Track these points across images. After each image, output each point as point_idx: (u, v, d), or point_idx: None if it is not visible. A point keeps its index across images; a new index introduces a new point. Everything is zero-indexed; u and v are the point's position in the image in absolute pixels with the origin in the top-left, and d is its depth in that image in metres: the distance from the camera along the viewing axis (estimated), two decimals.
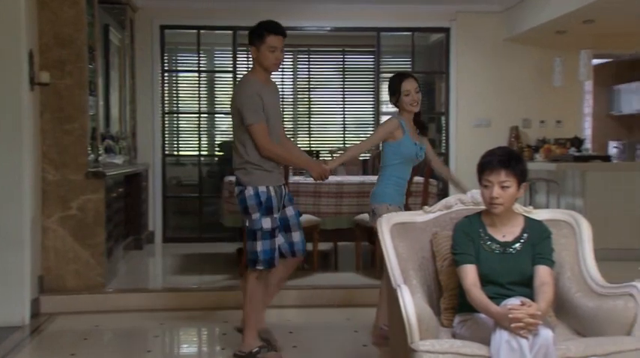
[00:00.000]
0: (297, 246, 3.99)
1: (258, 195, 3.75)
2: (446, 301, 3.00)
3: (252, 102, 3.69)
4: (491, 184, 2.74)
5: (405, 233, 3.10)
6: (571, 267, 3.03)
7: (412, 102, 4.04)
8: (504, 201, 2.75)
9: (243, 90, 3.77)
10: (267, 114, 3.76)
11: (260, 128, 3.71)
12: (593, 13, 6.43)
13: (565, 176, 6.93)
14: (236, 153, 3.85)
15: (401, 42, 8.28)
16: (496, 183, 2.73)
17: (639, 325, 2.59)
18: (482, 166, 2.79)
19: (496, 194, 2.73)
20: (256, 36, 3.81)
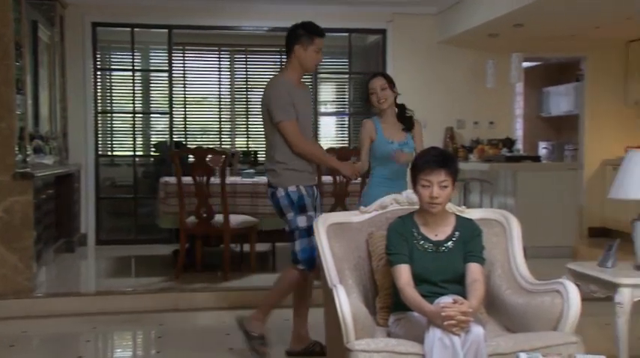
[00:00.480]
0: None
1: (289, 196, 3.73)
2: (381, 300, 3.02)
3: (282, 100, 3.68)
4: (430, 184, 2.78)
5: (341, 233, 3.11)
6: (502, 264, 3.09)
7: (378, 99, 4.04)
8: (443, 200, 2.80)
9: (273, 90, 3.76)
10: (297, 116, 3.74)
11: (291, 124, 3.69)
12: (522, 17, 6.62)
13: (498, 176, 7.10)
14: (267, 154, 3.88)
15: (338, 43, 8.32)
16: (436, 182, 2.77)
17: (565, 320, 2.67)
18: (421, 166, 2.81)
19: (436, 194, 2.77)
20: (305, 36, 3.82)
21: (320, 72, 8.33)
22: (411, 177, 2.90)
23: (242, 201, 5.96)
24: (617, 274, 3.20)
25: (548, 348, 2.50)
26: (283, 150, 3.75)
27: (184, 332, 4.55)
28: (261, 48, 8.95)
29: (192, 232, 5.67)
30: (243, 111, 8.99)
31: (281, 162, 3.75)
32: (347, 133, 8.76)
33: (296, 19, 8.20)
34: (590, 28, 7.30)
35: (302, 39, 3.81)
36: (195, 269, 5.84)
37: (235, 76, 8.97)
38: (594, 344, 3.44)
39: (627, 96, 8.39)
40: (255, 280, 5.63)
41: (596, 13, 6.52)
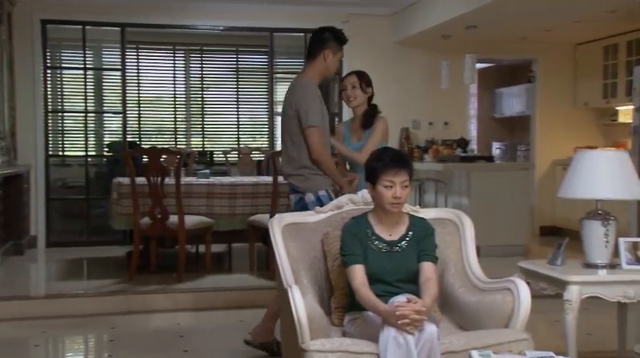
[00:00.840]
0: None
1: (320, 200, 3.63)
2: (336, 300, 3.02)
3: (316, 105, 3.63)
4: (393, 184, 2.78)
5: (296, 233, 3.10)
6: (455, 263, 3.13)
7: (347, 97, 4.06)
8: (404, 200, 2.82)
9: (307, 91, 3.67)
10: (324, 121, 3.72)
11: (318, 131, 3.64)
12: (475, 19, 6.72)
13: (452, 176, 7.18)
14: (289, 159, 3.73)
15: (294, 42, 8.31)
16: (398, 183, 2.78)
17: (516, 318, 2.71)
18: (384, 167, 2.81)
19: (399, 194, 2.78)
20: (335, 41, 3.76)
21: (276, 72, 8.30)
22: (367, 177, 2.90)
23: (198, 202, 5.90)
24: (566, 272, 3.26)
25: (499, 345, 2.54)
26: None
27: (137, 334, 4.48)
28: (216, 47, 8.89)
29: (146, 233, 5.59)
30: (198, 111, 8.92)
31: (309, 167, 3.67)
32: None
33: (252, 19, 8.25)
34: (541, 30, 7.46)
35: (331, 44, 3.75)
36: (150, 270, 5.77)
37: (191, 75, 8.89)
38: (544, 340, 3.53)
39: (576, 98, 8.60)
40: (210, 281, 5.59)
41: (546, 16, 6.66)
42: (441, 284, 3.05)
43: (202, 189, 5.93)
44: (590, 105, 8.47)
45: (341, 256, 2.89)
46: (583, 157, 3.39)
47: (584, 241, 3.36)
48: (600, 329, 4.34)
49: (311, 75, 3.79)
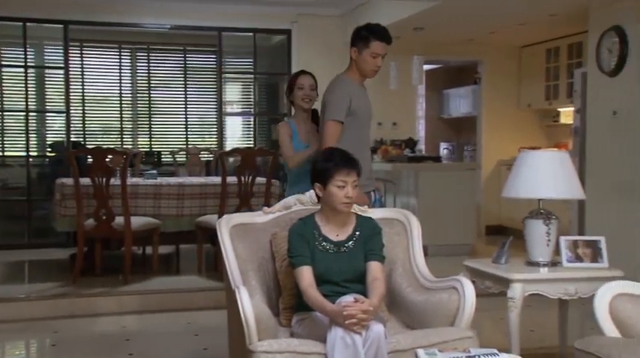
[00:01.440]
0: None
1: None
2: (285, 301, 3.01)
3: (339, 100, 3.55)
4: (345, 184, 2.79)
5: (244, 234, 3.08)
6: (403, 263, 3.15)
7: (304, 96, 3.97)
8: (355, 199, 2.84)
9: (335, 88, 3.61)
10: (358, 118, 3.61)
11: (335, 127, 3.53)
12: (422, 21, 6.80)
13: (400, 176, 7.25)
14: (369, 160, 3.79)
15: (243, 42, 8.27)
16: (350, 183, 2.80)
17: (461, 316, 2.75)
18: (336, 167, 2.81)
19: (351, 193, 2.80)
20: (361, 38, 3.64)
21: (225, 72, 8.23)
22: (317, 178, 2.89)
23: (144, 203, 5.81)
24: (510, 270, 3.33)
25: (445, 343, 2.57)
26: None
27: (81, 339, 4.38)
28: (164, 46, 8.77)
29: (90, 235, 5.47)
30: (145, 111, 8.78)
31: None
32: (252, 133, 8.72)
33: (200, 18, 8.15)
34: (486, 33, 7.61)
35: (358, 41, 3.67)
36: (95, 273, 5.65)
37: (137, 74, 8.74)
38: (489, 337, 3.59)
39: (520, 99, 8.80)
40: (157, 283, 5.51)
41: (490, 19, 6.79)
42: (389, 284, 3.07)
43: (149, 189, 5.84)
44: (533, 107, 8.67)
45: (288, 258, 2.88)
46: (525, 158, 3.47)
47: (527, 240, 3.43)
48: (543, 325, 4.44)
49: (350, 72, 3.74)
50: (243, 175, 5.61)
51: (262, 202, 5.57)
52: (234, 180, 5.64)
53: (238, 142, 8.78)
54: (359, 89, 3.73)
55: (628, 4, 5.37)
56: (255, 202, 5.65)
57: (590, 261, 3.39)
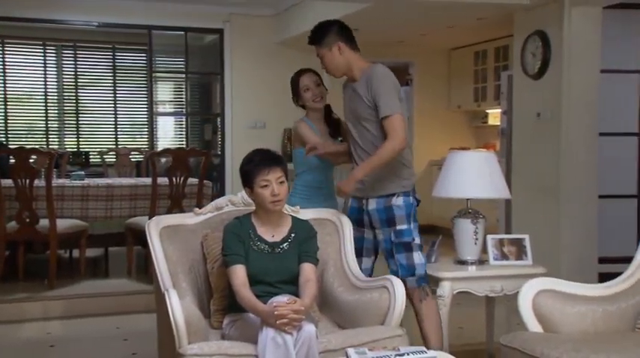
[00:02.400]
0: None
1: (410, 205, 3.26)
2: (216, 302, 2.98)
3: (394, 91, 3.18)
4: (270, 183, 2.79)
5: (175, 235, 3.04)
6: (334, 263, 3.18)
7: (314, 97, 3.68)
8: (283, 196, 2.83)
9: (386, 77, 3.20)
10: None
11: (403, 118, 3.17)
12: (356, 22, 6.78)
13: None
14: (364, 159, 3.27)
15: (174, 41, 8.14)
16: (274, 180, 2.79)
17: (392, 315, 2.79)
18: (256, 168, 2.81)
19: (277, 191, 2.79)
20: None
21: (156, 71, 8.09)
22: (244, 182, 2.88)
23: (71, 205, 5.64)
24: (439, 269, 3.39)
25: (375, 342, 2.60)
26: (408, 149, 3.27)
27: (3, 346, 4.21)
28: (91, 44, 8.54)
29: (13, 238, 5.27)
30: (72, 110, 8.53)
31: (399, 160, 3.25)
32: (184, 134, 8.59)
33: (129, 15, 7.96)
34: (417, 35, 7.73)
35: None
36: (18, 278, 5.44)
37: (63, 72, 8.48)
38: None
39: (450, 101, 8.99)
40: (85, 287, 5.36)
41: (421, 21, 6.90)
42: (321, 284, 3.09)
43: (76, 191, 5.67)
44: (463, 108, 8.88)
45: (222, 256, 2.86)
46: (454, 158, 3.54)
47: (455, 239, 3.51)
48: (471, 322, 4.54)
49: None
50: (174, 176, 5.52)
51: (194, 203, 5.50)
52: (166, 181, 5.55)
53: (170, 142, 8.64)
54: None
55: (550, 10, 5.56)
56: (187, 203, 5.57)
57: (516, 258, 3.49)
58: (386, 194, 3.24)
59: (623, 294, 2.90)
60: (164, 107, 8.91)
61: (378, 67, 3.23)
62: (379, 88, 3.15)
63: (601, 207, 5.56)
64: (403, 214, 3.22)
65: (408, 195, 3.26)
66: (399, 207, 3.22)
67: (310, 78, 3.72)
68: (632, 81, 6.01)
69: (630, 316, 2.84)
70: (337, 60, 3.32)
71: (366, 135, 3.26)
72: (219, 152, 8.23)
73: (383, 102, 3.13)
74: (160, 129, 8.68)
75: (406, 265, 3.22)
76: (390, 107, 3.12)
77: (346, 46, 3.30)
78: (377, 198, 3.27)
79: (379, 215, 3.26)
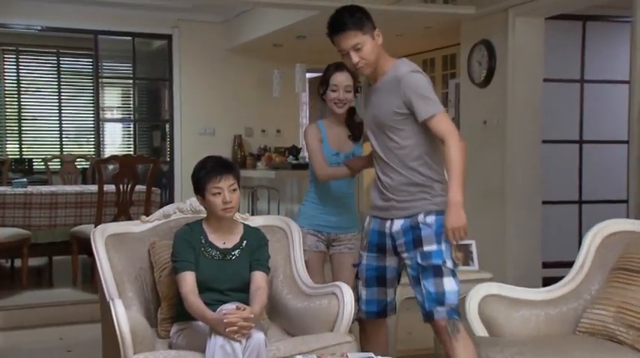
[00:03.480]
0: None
1: (442, 225, 2.71)
2: (164, 311, 2.95)
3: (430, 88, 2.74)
4: (222, 191, 2.76)
5: (120, 244, 3.00)
6: (284, 270, 3.17)
7: (336, 101, 3.28)
8: (235, 203, 2.81)
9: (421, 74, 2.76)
10: None
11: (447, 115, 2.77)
12: (303, 29, 6.88)
13: (284, 183, 7.28)
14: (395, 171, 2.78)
15: (122, 46, 8.02)
16: (226, 188, 2.77)
17: (340, 321, 2.79)
18: (208, 175, 2.78)
19: (229, 198, 2.77)
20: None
21: (102, 76, 7.95)
22: (195, 189, 2.86)
23: (13, 213, 5.49)
24: None
25: (324, 349, 2.60)
26: (435, 158, 2.79)
27: None
28: (35, 48, 8.34)
29: None
30: (14, 116, 8.30)
31: (430, 176, 2.78)
32: (132, 140, 8.46)
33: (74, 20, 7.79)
34: None
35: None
36: None
37: (5, 77, 8.26)
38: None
39: None
40: (27, 297, 5.21)
41: None
42: (271, 291, 3.07)
43: (18, 199, 5.52)
44: None
45: (172, 262, 2.83)
46: None
47: None
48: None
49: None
50: (121, 183, 5.43)
51: (142, 211, 5.41)
52: (113, 188, 5.45)
53: (118, 149, 8.49)
54: None
55: (495, 20, 5.69)
56: (135, 211, 5.48)
57: (462, 264, 3.54)
58: (414, 213, 2.75)
59: (564, 298, 2.97)
60: (111, 113, 8.76)
61: (404, 65, 2.75)
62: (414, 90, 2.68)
63: (545, 212, 5.70)
64: (432, 233, 2.70)
65: (442, 213, 2.72)
66: (427, 224, 2.71)
67: (343, 78, 3.27)
68: (574, 90, 6.20)
69: (571, 319, 2.91)
70: (373, 52, 2.76)
71: (389, 146, 2.78)
72: (168, 159, 8.14)
73: (423, 103, 2.67)
74: (108, 136, 8.54)
75: (434, 293, 2.68)
76: (432, 106, 2.67)
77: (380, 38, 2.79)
78: (403, 218, 2.78)
79: (404, 236, 2.76)
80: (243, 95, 8.21)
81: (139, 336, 2.52)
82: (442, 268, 2.70)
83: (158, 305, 2.97)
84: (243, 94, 8.21)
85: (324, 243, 3.42)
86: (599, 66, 6.19)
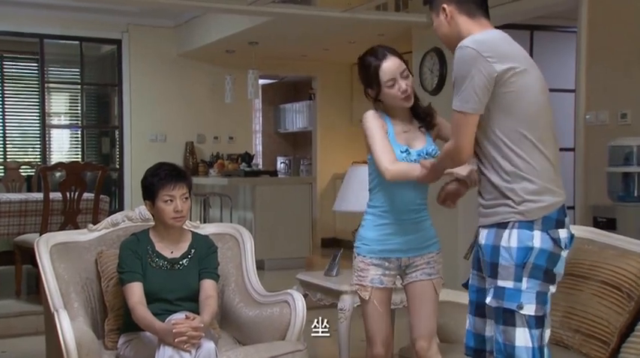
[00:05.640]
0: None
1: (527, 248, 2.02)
2: (111, 322, 2.88)
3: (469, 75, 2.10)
4: (173, 199, 2.72)
5: (66, 253, 2.92)
6: (235, 278, 3.13)
7: (402, 94, 2.51)
8: (186, 213, 2.77)
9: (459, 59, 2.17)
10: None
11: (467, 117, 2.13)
12: (256, 36, 6.86)
13: (237, 190, 7.23)
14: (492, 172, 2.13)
15: (69, 51, 7.84)
16: (178, 196, 2.72)
17: (293, 329, 2.78)
18: (161, 182, 2.73)
19: (181, 207, 2.72)
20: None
21: (48, 81, 7.75)
22: (145, 194, 2.80)
23: None
24: (340, 282, 3.39)
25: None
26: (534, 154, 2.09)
27: None
28: None
29: None
30: None
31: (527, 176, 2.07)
32: (80, 147, 8.27)
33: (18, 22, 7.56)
34: (319, 49, 7.82)
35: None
36: None
37: None
38: (322, 349, 3.63)
39: (353, 115, 9.11)
40: None
41: (322, 36, 7.00)
42: (221, 300, 3.04)
43: None
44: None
45: (118, 273, 2.77)
46: (354, 172, 3.58)
47: None
48: None
49: None
50: (68, 191, 5.29)
51: (90, 220, 5.28)
52: (59, 196, 5.31)
53: (66, 156, 8.28)
54: None
55: None
56: (83, 219, 5.35)
57: None
58: (497, 222, 2.08)
59: None
60: (58, 119, 8.54)
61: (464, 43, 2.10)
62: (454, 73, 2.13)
63: None
64: (511, 263, 2.02)
65: (531, 228, 2.03)
66: (507, 249, 2.03)
67: (395, 64, 2.51)
68: None
69: None
70: (444, 29, 2.25)
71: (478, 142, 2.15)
72: (118, 166, 7.98)
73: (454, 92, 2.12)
74: (55, 142, 8.32)
75: (502, 345, 2.05)
76: (454, 99, 2.10)
77: (457, 11, 2.20)
78: (488, 227, 2.11)
79: (486, 255, 2.10)
80: (195, 101, 8.13)
81: (84, 348, 2.47)
82: (515, 315, 2.01)
83: (105, 316, 2.91)
84: (195, 100, 8.13)
85: (394, 274, 2.60)
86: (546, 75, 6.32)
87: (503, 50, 2.11)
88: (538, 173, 2.06)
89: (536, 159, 2.07)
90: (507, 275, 2.03)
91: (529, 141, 2.07)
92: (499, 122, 2.08)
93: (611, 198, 4.29)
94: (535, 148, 2.07)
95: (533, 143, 2.07)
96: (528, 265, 2.01)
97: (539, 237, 2.02)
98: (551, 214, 2.04)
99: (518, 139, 2.07)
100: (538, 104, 2.12)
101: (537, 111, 2.11)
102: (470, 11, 2.20)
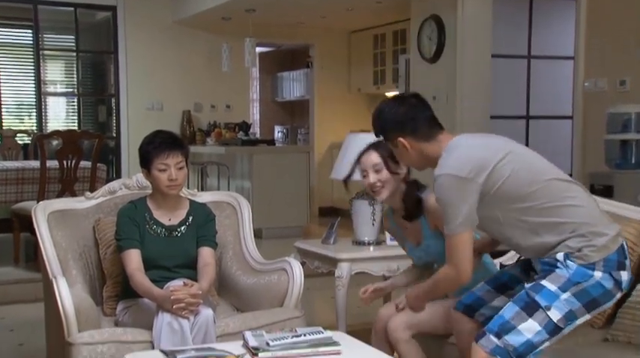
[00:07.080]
0: None
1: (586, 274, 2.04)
2: (109, 289, 2.90)
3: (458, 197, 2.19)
4: (167, 167, 2.71)
5: (64, 221, 2.92)
6: (233, 246, 3.14)
7: (370, 186, 2.65)
8: (181, 181, 2.76)
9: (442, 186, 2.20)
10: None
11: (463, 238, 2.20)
12: (253, 3, 6.78)
13: (234, 159, 7.21)
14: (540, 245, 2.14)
15: (64, 17, 7.75)
16: (173, 165, 2.71)
17: (290, 296, 2.78)
18: (156, 150, 2.73)
19: (175, 176, 2.71)
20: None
21: (44, 48, 7.68)
22: (141, 162, 2.79)
23: None
24: (337, 250, 3.40)
25: (274, 324, 2.59)
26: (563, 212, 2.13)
27: None
28: None
29: None
30: None
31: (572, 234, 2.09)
32: (77, 115, 8.24)
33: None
34: (317, 17, 7.74)
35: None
36: None
37: None
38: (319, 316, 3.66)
39: (351, 84, 9.07)
40: None
41: (320, 3, 6.91)
42: (220, 268, 3.05)
43: None
44: (363, 91, 8.98)
45: (116, 240, 2.77)
46: (351, 140, 3.57)
47: (354, 220, 3.53)
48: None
49: None
50: (65, 159, 5.28)
51: (87, 188, 5.28)
52: (57, 164, 5.30)
53: (62, 124, 8.24)
54: None
55: None
56: (80, 187, 5.35)
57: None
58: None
59: None
60: (54, 87, 8.48)
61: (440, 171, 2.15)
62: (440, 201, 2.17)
63: None
64: (566, 275, 2.04)
65: (592, 268, 2.04)
66: (567, 266, 2.05)
67: (368, 158, 2.66)
68: (521, 66, 6.28)
69: None
70: (408, 158, 2.33)
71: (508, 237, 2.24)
72: (115, 134, 7.95)
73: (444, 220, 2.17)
74: (51, 111, 8.28)
75: (505, 320, 2.05)
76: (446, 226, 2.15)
77: (414, 141, 2.25)
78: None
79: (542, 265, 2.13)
80: (192, 69, 8.07)
81: (83, 314, 2.48)
82: (539, 310, 2.02)
83: (103, 283, 2.92)
84: (191, 69, 8.06)
85: None
86: (546, 42, 6.29)
87: (478, 157, 2.13)
88: (579, 224, 2.08)
89: (570, 214, 2.09)
90: (556, 281, 2.04)
91: (554, 207, 2.09)
92: (516, 210, 2.12)
93: (609, 166, 4.30)
94: (561, 207, 2.10)
95: (557, 205, 2.09)
96: (580, 286, 2.03)
97: (600, 275, 2.04)
98: (610, 256, 2.05)
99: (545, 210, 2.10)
100: (536, 168, 2.16)
101: (541, 174, 2.13)
102: (425, 136, 2.25)
